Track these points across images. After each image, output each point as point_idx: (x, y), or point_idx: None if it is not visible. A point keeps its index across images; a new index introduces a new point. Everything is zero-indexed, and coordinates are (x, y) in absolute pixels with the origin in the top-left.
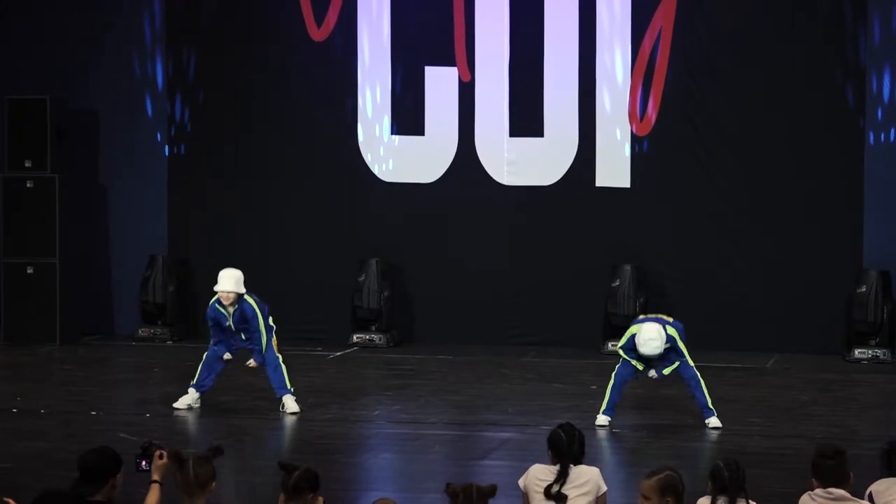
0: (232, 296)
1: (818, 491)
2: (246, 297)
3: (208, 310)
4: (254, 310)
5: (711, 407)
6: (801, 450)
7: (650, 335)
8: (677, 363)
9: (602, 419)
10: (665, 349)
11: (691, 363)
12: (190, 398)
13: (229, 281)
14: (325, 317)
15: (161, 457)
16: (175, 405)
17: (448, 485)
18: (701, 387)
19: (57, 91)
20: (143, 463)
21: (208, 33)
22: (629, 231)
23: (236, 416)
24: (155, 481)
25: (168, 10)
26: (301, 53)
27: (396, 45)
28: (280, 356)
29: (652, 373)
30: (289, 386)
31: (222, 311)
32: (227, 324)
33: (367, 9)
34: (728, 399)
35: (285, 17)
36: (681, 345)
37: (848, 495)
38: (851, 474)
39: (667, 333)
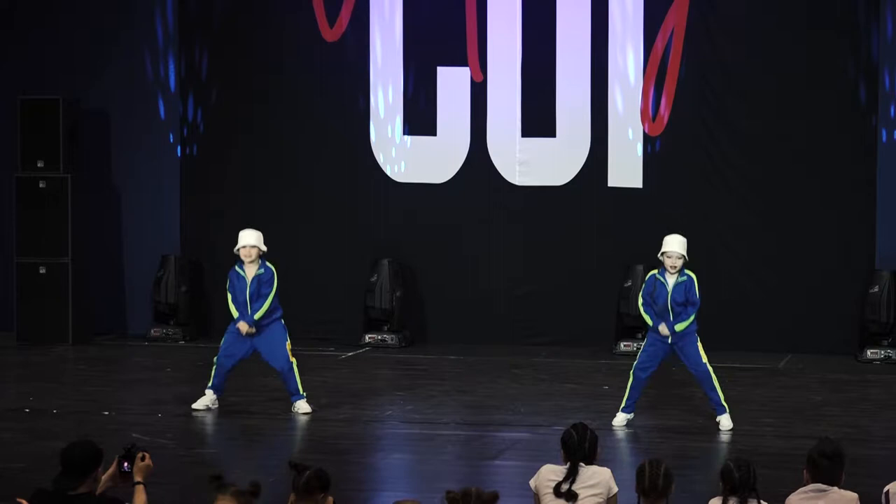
0: (254, 252)
1: (806, 488)
2: (267, 263)
3: (229, 278)
4: (272, 275)
5: (724, 404)
6: None
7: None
8: (691, 318)
9: (620, 417)
10: (682, 282)
11: (704, 358)
12: (208, 399)
13: (251, 236)
14: (337, 317)
15: (143, 458)
16: (193, 406)
17: (447, 492)
18: (712, 382)
19: (70, 92)
20: (126, 465)
21: (221, 33)
22: (641, 231)
23: (249, 417)
24: (138, 482)
25: (180, 10)
26: (314, 54)
27: (409, 46)
28: (294, 361)
29: (663, 328)
30: (301, 392)
31: (242, 273)
32: (245, 288)
33: (380, 9)
34: (740, 399)
35: (298, 18)
36: (696, 291)
37: (828, 487)
38: (843, 476)
39: (686, 270)
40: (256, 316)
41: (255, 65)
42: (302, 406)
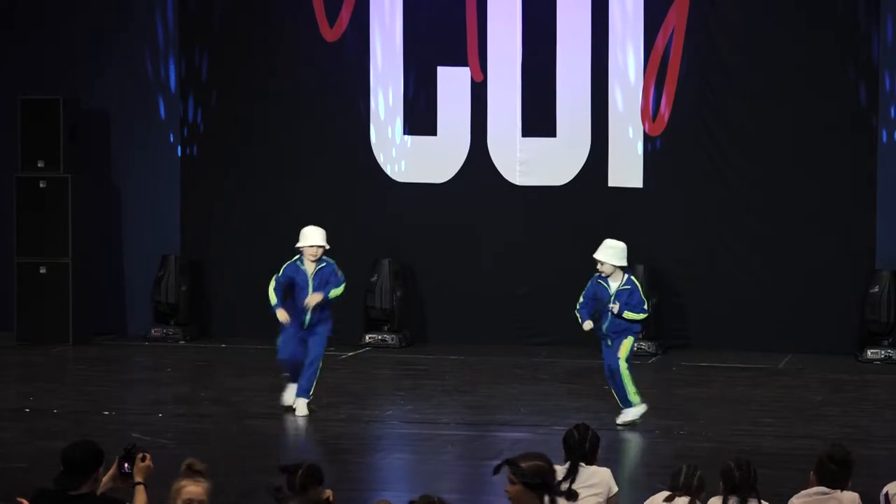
0: (320, 251)
1: (808, 491)
2: (324, 257)
3: (284, 269)
4: (334, 268)
5: (630, 400)
6: (814, 450)
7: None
8: (640, 315)
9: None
10: (625, 289)
11: (622, 354)
12: (291, 392)
13: (317, 235)
14: (337, 317)
15: (143, 459)
16: (284, 403)
17: (410, 501)
18: (622, 379)
19: (70, 92)
20: (126, 465)
21: (221, 34)
22: (641, 231)
23: (249, 417)
24: (139, 483)
25: (181, 11)
26: (314, 54)
27: (409, 45)
28: (321, 365)
29: (587, 324)
30: (310, 393)
31: (302, 267)
32: (307, 283)
33: (380, 8)
34: (741, 399)
35: (298, 18)
36: (640, 295)
37: (831, 491)
38: (850, 483)
39: (630, 277)
40: (331, 295)
41: (255, 65)
42: (301, 406)
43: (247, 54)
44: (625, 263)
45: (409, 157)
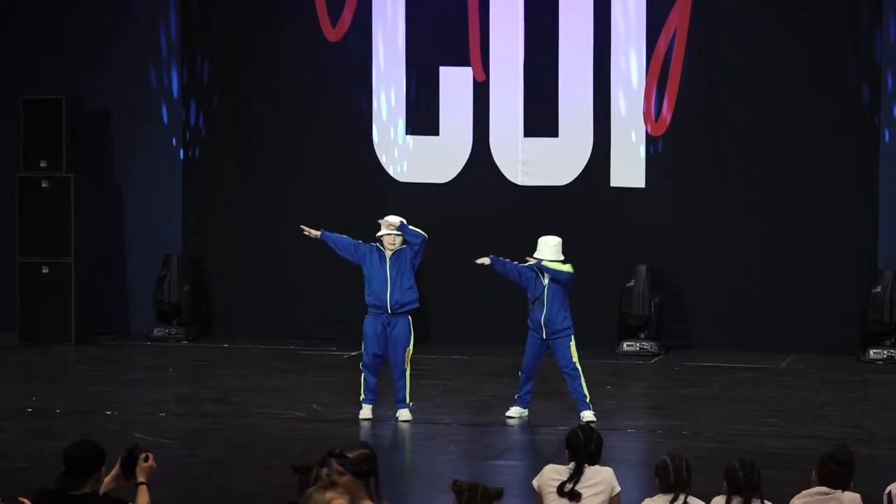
0: (398, 240)
1: (809, 491)
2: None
3: (367, 245)
4: (407, 249)
5: (588, 403)
6: (816, 450)
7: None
8: (561, 266)
9: (513, 411)
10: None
11: (575, 357)
12: (367, 411)
13: (392, 221)
14: (340, 317)
15: (146, 459)
16: (362, 417)
17: (455, 482)
18: (580, 381)
19: (71, 92)
20: (129, 466)
21: (223, 37)
22: (643, 231)
23: (249, 417)
24: (141, 483)
25: (183, 14)
26: (316, 54)
27: (411, 45)
28: (409, 368)
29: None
30: (408, 401)
31: (383, 248)
32: (385, 265)
33: (382, 8)
34: (743, 399)
35: (300, 18)
36: (556, 267)
37: (832, 490)
38: (852, 483)
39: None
40: (411, 227)
41: (256, 66)
42: (403, 414)
43: (248, 55)
44: (562, 257)
45: (411, 158)
